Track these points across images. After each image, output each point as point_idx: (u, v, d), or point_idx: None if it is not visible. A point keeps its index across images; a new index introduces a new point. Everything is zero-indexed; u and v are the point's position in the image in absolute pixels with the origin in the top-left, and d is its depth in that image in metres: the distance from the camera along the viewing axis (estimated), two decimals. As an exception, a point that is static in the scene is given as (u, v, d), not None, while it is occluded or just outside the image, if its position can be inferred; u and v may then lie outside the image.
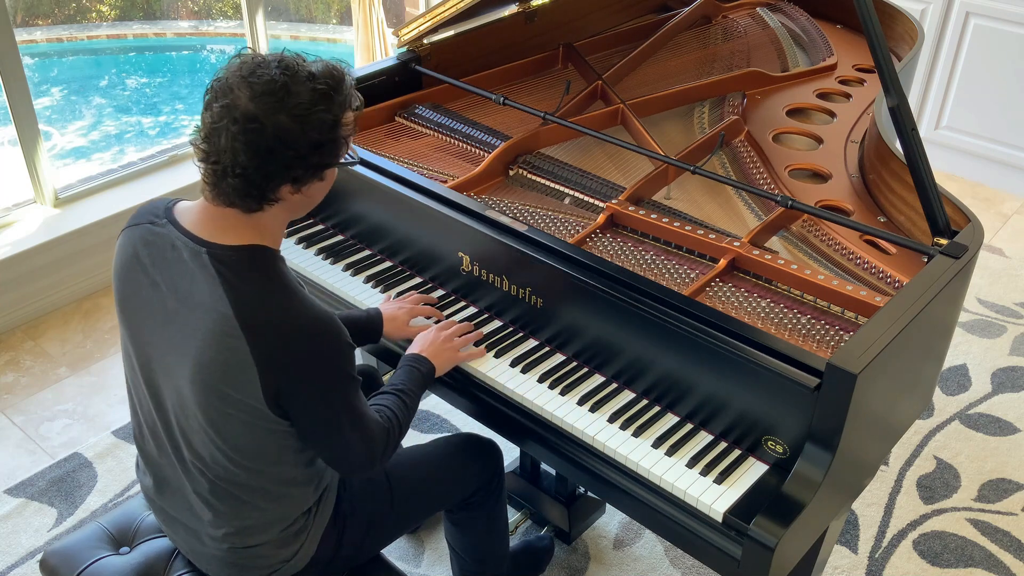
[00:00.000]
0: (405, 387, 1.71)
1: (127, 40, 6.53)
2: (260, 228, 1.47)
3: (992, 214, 4.04)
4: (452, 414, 2.84)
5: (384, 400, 1.67)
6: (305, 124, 1.38)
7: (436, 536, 2.45)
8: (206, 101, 1.40)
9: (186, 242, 1.45)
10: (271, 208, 1.45)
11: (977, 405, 2.96)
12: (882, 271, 1.84)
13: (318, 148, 1.41)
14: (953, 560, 2.44)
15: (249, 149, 1.36)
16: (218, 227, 1.45)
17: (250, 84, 1.36)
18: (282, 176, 1.41)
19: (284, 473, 1.56)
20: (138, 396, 1.61)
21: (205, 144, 1.40)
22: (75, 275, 3.33)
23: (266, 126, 1.35)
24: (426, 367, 1.75)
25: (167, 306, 1.48)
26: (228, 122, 1.35)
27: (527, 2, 2.60)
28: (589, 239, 1.92)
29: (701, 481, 1.58)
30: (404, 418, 1.67)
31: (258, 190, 1.41)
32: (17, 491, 2.59)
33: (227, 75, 1.39)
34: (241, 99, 1.35)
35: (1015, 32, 3.91)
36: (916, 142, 1.67)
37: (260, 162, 1.37)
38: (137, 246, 1.51)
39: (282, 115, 1.36)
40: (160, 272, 1.48)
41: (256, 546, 1.60)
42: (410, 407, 1.69)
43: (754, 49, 2.79)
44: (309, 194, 1.49)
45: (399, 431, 1.64)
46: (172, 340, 1.48)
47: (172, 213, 1.50)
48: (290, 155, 1.38)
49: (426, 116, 2.31)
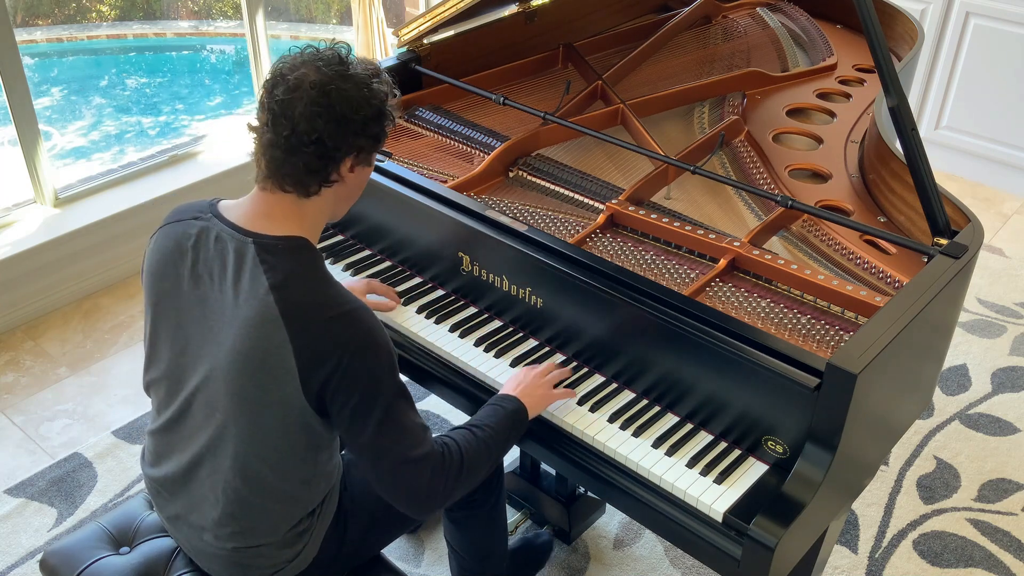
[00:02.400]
0: (481, 423, 1.62)
1: (127, 40, 6.53)
2: (305, 220, 1.52)
3: (992, 214, 4.04)
4: (452, 414, 2.85)
5: (451, 433, 1.59)
6: (370, 92, 1.48)
7: (436, 536, 2.45)
8: (267, 87, 1.47)
9: (232, 234, 1.49)
10: (326, 192, 1.51)
11: (977, 405, 2.96)
12: (882, 271, 1.84)
13: (379, 117, 1.50)
14: (953, 560, 2.44)
15: (326, 114, 1.43)
16: (266, 218, 1.50)
17: (315, 63, 1.46)
18: (349, 145, 1.48)
19: (305, 472, 1.57)
20: (160, 391, 1.61)
21: (275, 121, 1.45)
22: (75, 275, 3.34)
23: (338, 93, 1.44)
24: (512, 404, 1.65)
25: (208, 298, 1.50)
26: (303, 91, 1.43)
27: (527, 2, 2.60)
28: (589, 239, 1.92)
29: (701, 481, 1.58)
30: (470, 452, 1.55)
31: (327, 162, 1.47)
32: (17, 491, 2.59)
33: (288, 62, 1.48)
34: (311, 74, 1.44)
35: (1015, 32, 3.91)
36: (916, 142, 1.67)
37: (335, 127, 1.44)
38: (180, 240, 1.54)
39: (349, 84, 1.46)
40: (203, 265, 1.51)
41: (260, 546, 1.59)
42: (483, 441, 1.58)
43: (754, 49, 2.79)
44: (358, 180, 1.56)
45: (460, 464, 1.53)
46: (210, 331, 1.50)
47: (216, 208, 1.55)
48: (359, 121, 1.46)
49: (426, 116, 2.31)
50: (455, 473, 1.53)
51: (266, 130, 1.46)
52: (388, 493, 1.52)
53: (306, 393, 1.44)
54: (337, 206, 1.58)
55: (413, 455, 1.48)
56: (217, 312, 1.49)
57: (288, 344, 1.42)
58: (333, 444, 1.60)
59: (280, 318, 1.42)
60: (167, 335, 1.56)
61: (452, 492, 1.53)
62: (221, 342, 1.48)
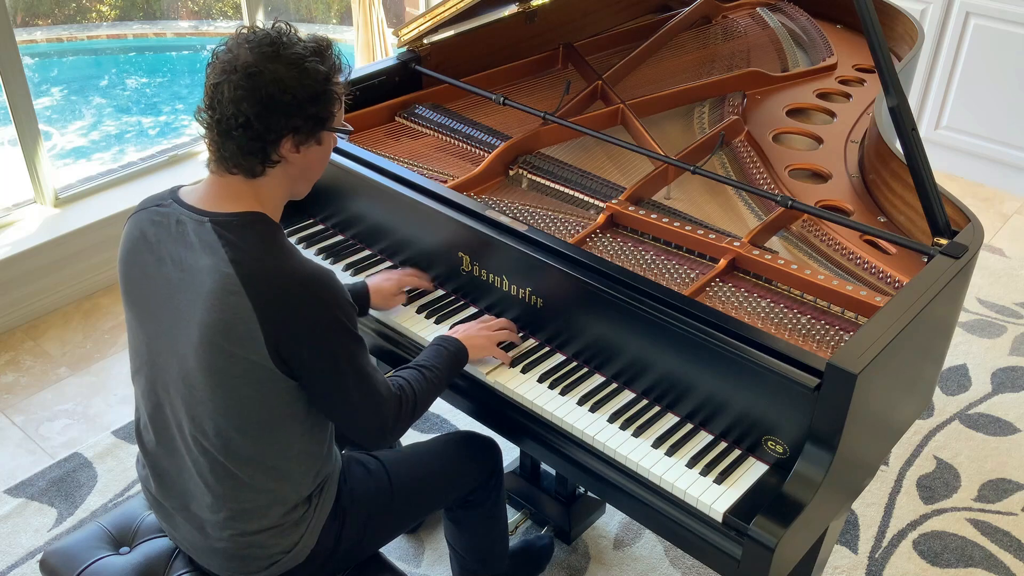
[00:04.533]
0: (428, 363, 1.72)
1: (127, 40, 6.53)
2: (261, 197, 1.54)
3: (992, 214, 4.04)
4: (453, 414, 2.85)
5: (401, 372, 1.69)
6: (300, 72, 1.46)
7: (436, 535, 2.45)
8: (208, 70, 1.48)
9: (190, 215, 1.52)
10: (273, 171, 1.51)
11: (977, 405, 2.96)
12: (882, 271, 1.84)
13: (314, 99, 1.48)
14: (953, 560, 2.44)
15: (250, 96, 1.43)
16: (221, 198, 1.52)
17: (248, 42, 1.47)
18: (281, 127, 1.47)
19: (288, 445, 1.58)
20: (141, 380, 1.63)
21: (208, 106, 1.47)
22: (75, 275, 3.34)
23: (264, 73, 1.44)
24: (454, 346, 1.76)
25: (171, 278, 1.53)
26: (229, 74, 1.44)
27: (527, 2, 2.60)
28: (589, 239, 1.92)
29: (701, 481, 1.58)
30: (421, 391, 1.67)
31: (260, 143, 1.47)
32: (17, 491, 2.60)
33: (226, 44, 1.49)
34: (241, 55, 1.45)
35: (1015, 32, 3.91)
36: (916, 142, 1.67)
37: (260, 109, 1.44)
38: (144, 227, 1.57)
39: (279, 64, 1.45)
40: (166, 247, 1.54)
41: (257, 533, 1.60)
42: (431, 381, 1.69)
43: (754, 49, 2.79)
44: (308, 160, 1.54)
45: (413, 403, 1.65)
46: (177, 310, 1.52)
47: (177, 194, 1.58)
48: (288, 102, 1.45)
49: (426, 116, 2.31)
50: (410, 410, 1.64)
51: (204, 115, 1.49)
52: (354, 432, 1.61)
53: (273, 358, 1.47)
54: (292, 185, 1.58)
55: (376, 399, 1.58)
56: (182, 292, 1.51)
57: (252, 312, 1.45)
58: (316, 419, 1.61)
59: (242, 288, 1.45)
60: (139, 322, 1.59)
61: (406, 427, 1.65)
62: (189, 319, 1.50)
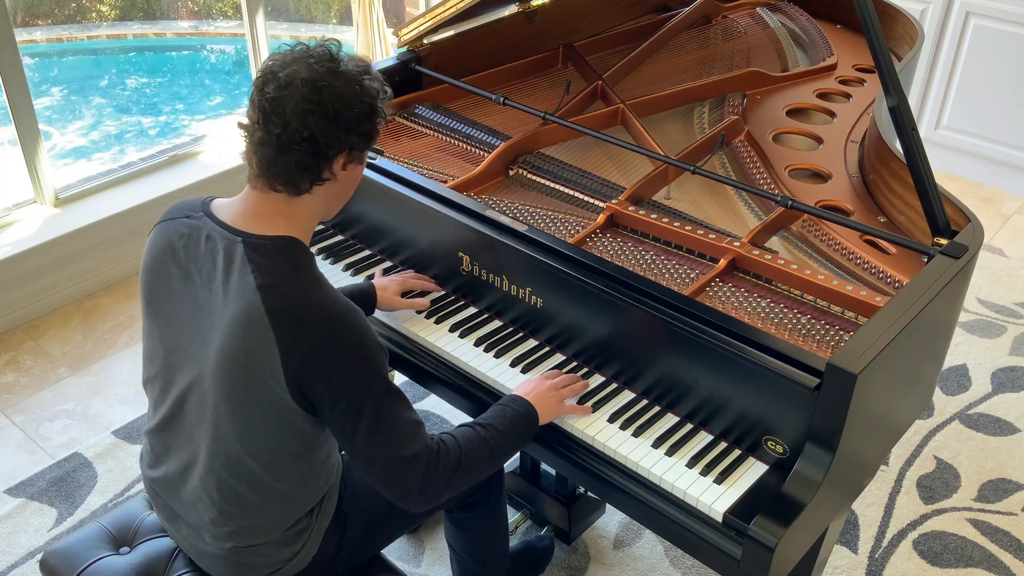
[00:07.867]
0: (486, 421, 1.60)
1: (127, 40, 6.53)
2: (296, 219, 1.51)
3: (992, 214, 4.04)
4: (452, 414, 2.85)
5: (453, 430, 1.58)
6: (361, 88, 1.47)
7: (436, 536, 2.45)
8: (257, 85, 1.46)
9: (222, 233, 1.49)
10: (317, 190, 1.50)
11: (977, 405, 2.96)
12: (882, 271, 1.84)
13: (371, 114, 1.49)
14: (953, 560, 2.44)
15: (317, 111, 1.43)
16: (256, 217, 1.49)
17: (306, 60, 1.45)
18: (341, 142, 1.47)
19: (298, 471, 1.56)
20: (155, 389, 1.61)
21: (266, 119, 1.44)
22: (75, 275, 3.34)
23: (330, 90, 1.44)
24: (522, 407, 1.63)
25: (199, 296, 1.50)
26: (294, 88, 1.42)
27: (527, 2, 2.60)
28: (589, 239, 1.92)
29: (701, 481, 1.58)
30: (471, 449, 1.54)
31: (319, 159, 1.46)
32: (17, 491, 2.59)
33: (279, 59, 1.47)
34: (301, 71, 1.44)
35: (1015, 32, 3.91)
36: (916, 142, 1.67)
37: (327, 124, 1.44)
38: (172, 239, 1.54)
39: (340, 81, 1.45)
40: (194, 263, 1.51)
41: (258, 545, 1.59)
42: (486, 441, 1.56)
43: (754, 49, 2.79)
44: (351, 178, 1.55)
45: (457, 462, 1.51)
46: (200, 330, 1.50)
47: (209, 207, 1.55)
48: (351, 118, 1.46)
49: (426, 116, 2.31)
50: (451, 470, 1.51)
51: (257, 128, 1.45)
52: (383, 490, 1.52)
53: (292, 393, 1.44)
54: (329, 205, 1.57)
55: (405, 453, 1.47)
56: (206, 311, 1.49)
57: (274, 344, 1.41)
58: (328, 441, 1.60)
59: (266, 318, 1.41)
60: (159, 333, 1.57)
61: (448, 489, 1.52)
62: (210, 341, 1.48)
